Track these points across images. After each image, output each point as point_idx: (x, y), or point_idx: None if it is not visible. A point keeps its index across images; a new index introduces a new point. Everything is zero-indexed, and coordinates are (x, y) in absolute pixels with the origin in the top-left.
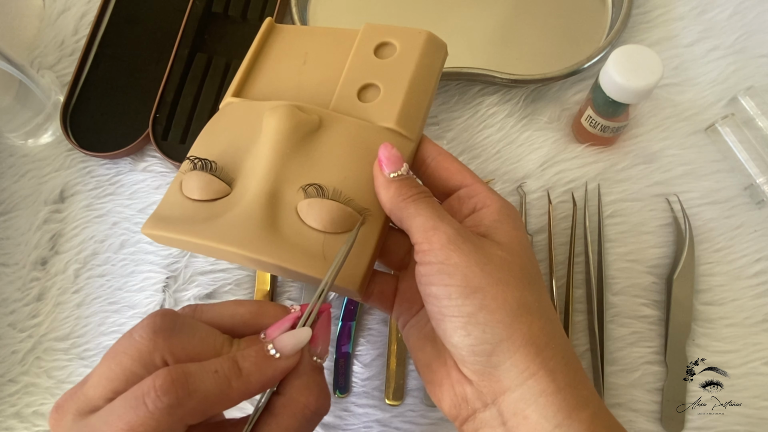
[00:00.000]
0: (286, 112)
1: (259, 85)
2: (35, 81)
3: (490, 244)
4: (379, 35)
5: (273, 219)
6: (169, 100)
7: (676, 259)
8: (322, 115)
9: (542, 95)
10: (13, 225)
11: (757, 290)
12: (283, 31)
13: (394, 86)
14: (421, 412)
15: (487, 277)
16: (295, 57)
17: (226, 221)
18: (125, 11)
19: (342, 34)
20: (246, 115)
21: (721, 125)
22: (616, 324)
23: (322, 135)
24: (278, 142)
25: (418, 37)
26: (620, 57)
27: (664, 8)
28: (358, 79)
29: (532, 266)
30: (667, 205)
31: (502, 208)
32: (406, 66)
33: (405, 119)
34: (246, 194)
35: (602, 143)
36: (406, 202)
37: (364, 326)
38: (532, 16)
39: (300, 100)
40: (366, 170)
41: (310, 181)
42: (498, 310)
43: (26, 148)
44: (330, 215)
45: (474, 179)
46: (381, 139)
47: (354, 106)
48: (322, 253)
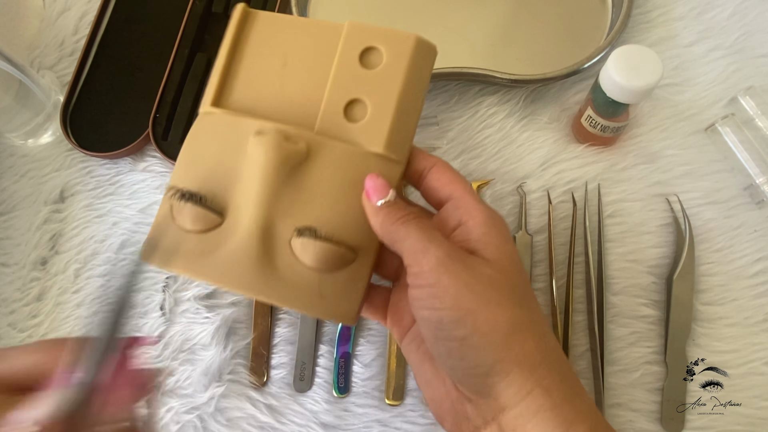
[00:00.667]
0: (273, 144)
1: (238, 89)
2: (35, 81)
3: (480, 263)
4: (365, 38)
5: (268, 256)
6: (169, 100)
7: (676, 259)
8: (309, 142)
9: (542, 95)
10: (13, 225)
11: (757, 290)
12: (258, 18)
13: (382, 103)
14: (421, 412)
15: (478, 298)
16: (275, 56)
17: (223, 258)
18: (125, 11)
19: (323, 29)
20: (229, 132)
21: (721, 125)
22: (616, 324)
23: (311, 164)
24: (267, 176)
25: (407, 42)
26: (620, 57)
27: (664, 8)
28: (343, 94)
29: (522, 281)
30: (667, 205)
31: (487, 219)
32: (394, 79)
33: (394, 142)
34: (239, 228)
35: (602, 143)
36: (396, 226)
37: (364, 326)
38: (532, 16)
39: (284, 114)
40: (357, 201)
41: (302, 219)
42: (490, 332)
43: (26, 148)
44: (324, 256)
45: (462, 190)
46: (370, 166)
47: (341, 127)
48: (319, 291)
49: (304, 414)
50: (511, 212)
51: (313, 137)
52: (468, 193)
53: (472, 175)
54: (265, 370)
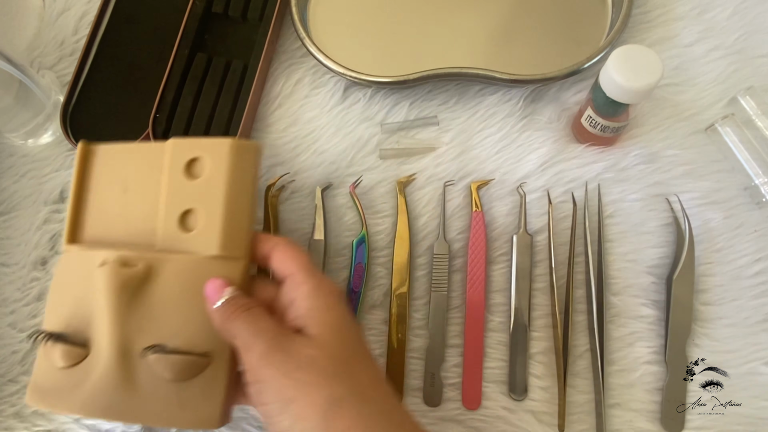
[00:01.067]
0: (110, 272)
1: (89, 222)
2: (35, 81)
3: (302, 343)
4: (187, 151)
5: (129, 377)
6: (169, 100)
7: (676, 259)
8: (149, 261)
9: (542, 95)
10: (13, 225)
11: (757, 290)
12: (98, 152)
13: (212, 209)
14: (421, 412)
15: (297, 385)
16: (116, 183)
17: (91, 387)
18: (125, 11)
19: (152, 150)
20: (83, 267)
21: (721, 125)
22: (616, 324)
23: (156, 281)
24: (111, 302)
25: (223, 147)
26: (620, 57)
27: (664, 8)
28: (176, 208)
29: (344, 347)
30: (667, 205)
31: (312, 291)
32: (217, 184)
33: (229, 241)
34: (101, 356)
35: (602, 143)
36: (227, 324)
37: (364, 326)
38: (532, 17)
39: (128, 238)
40: (201, 309)
41: (154, 335)
42: (311, 416)
43: (26, 148)
44: (175, 367)
45: (296, 266)
46: (211, 270)
47: (178, 239)
48: (178, 402)
49: None
50: (511, 212)
51: (153, 256)
52: (300, 268)
53: (472, 175)
54: None
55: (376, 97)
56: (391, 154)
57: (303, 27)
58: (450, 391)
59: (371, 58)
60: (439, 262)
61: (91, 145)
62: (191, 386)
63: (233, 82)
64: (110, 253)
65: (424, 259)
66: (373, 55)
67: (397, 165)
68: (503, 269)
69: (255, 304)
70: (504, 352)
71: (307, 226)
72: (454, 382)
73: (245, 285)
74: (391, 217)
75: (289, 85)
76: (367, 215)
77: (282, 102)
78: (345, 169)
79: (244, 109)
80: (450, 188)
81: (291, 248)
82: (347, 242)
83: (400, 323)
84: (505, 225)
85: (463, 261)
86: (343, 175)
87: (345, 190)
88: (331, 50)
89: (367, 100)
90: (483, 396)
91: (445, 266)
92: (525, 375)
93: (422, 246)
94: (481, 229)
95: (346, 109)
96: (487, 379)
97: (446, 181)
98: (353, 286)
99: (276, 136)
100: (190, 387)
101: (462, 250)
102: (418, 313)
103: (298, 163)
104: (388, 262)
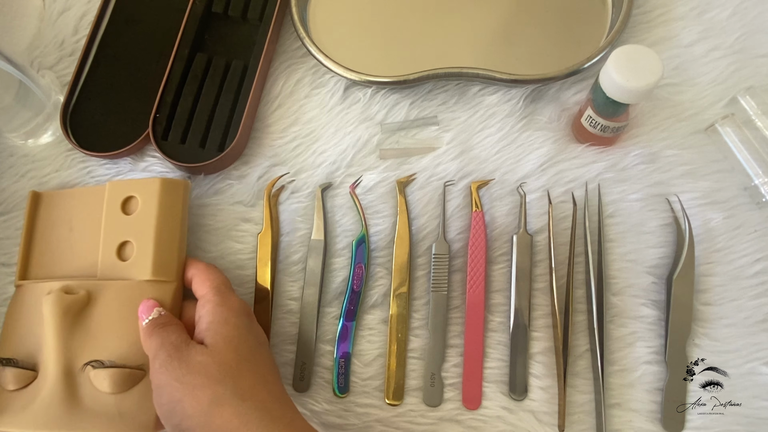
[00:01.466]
0: (54, 299)
1: (38, 261)
2: (35, 81)
3: (198, 352)
4: (123, 191)
5: (73, 394)
6: (169, 100)
7: (676, 259)
8: (89, 288)
9: (542, 95)
10: (13, 225)
11: (757, 290)
12: (46, 198)
13: (144, 239)
14: (420, 412)
15: (185, 387)
16: (63, 224)
17: (39, 406)
18: (125, 11)
19: (93, 193)
20: (33, 299)
21: (721, 125)
22: (616, 324)
23: (95, 306)
24: (55, 325)
25: (154, 185)
26: (620, 57)
27: (664, 8)
28: (113, 240)
29: (235, 355)
30: (667, 205)
31: (214, 307)
32: (148, 217)
33: (160, 267)
34: (47, 376)
35: (602, 143)
36: (145, 341)
37: (364, 326)
38: (532, 16)
39: (73, 272)
40: (136, 326)
41: (95, 353)
42: (194, 414)
43: (26, 148)
44: (113, 380)
45: (206, 287)
46: (144, 293)
47: (116, 267)
48: (118, 412)
49: (304, 414)
50: (511, 212)
51: (94, 283)
52: (209, 288)
53: (472, 175)
54: None
55: (376, 97)
56: (391, 154)
57: (303, 27)
58: (450, 391)
59: (371, 58)
60: (439, 262)
61: (39, 193)
62: (129, 397)
63: (233, 82)
64: (55, 284)
65: (424, 259)
66: (373, 55)
67: (397, 165)
68: (503, 269)
69: (172, 322)
70: (504, 352)
71: (307, 226)
72: (454, 382)
73: (177, 304)
74: (391, 217)
75: (289, 85)
76: (367, 215)
77: (282, 102)
78: (345, 169)
79: (244, 109)
80: (450, 188)
81: (206, 271)
82: (347, 242)
83: (400, 323)
84: (505, 225)
85: (463, 261)
86: (343, 175)
87: (345, 190)
88: (331, 50)
89: (367, 100)
90: (483, 396)
91: (445, 266)
92: (525, 375)
93: (422, 246)
94: (481, 229)
95: (346, 109)
96: (487, 379)
97: (446, 181)
98: (353, 286)
99: (276, 136)
100: (128, 398)
101: (462, 250)
102: (418, 313)
103: (298, 163)
104: (388, 262)
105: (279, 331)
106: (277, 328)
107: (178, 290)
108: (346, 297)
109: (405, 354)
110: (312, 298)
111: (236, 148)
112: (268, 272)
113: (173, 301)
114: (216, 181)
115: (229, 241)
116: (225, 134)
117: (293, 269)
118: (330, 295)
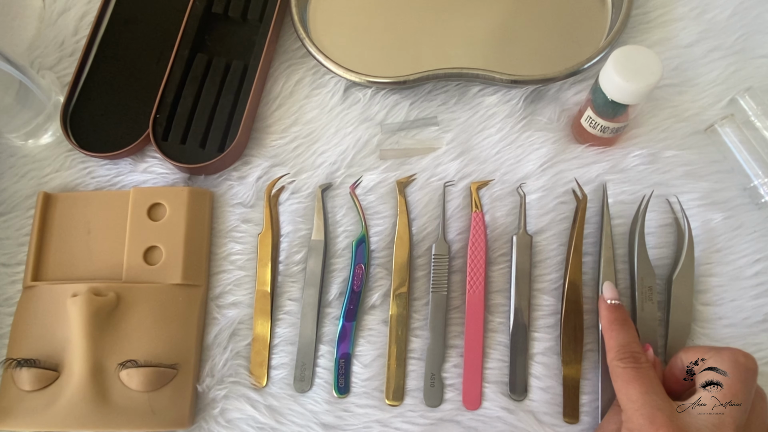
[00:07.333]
0: (85, 301)
1: (53, 262)
2: (35, 81)
3: None
4: (149, 198)
5: (102, 392)
6: (169, 101)
7: (676, 259)
8: (118, 291)
9: (542, 95)
10: (13, 225)
11: (757, 291)
12: (59, 200)
13: (174, 245)
14: (421, 412)
15: None
16: (79, 227)
17: (64, 404)
18: (125, 11)
19: (115, 197)
20: (51, 300)
21: (720, 126)
22: None
23: (124, 307)
24: (85, 327)
25: (182, 194)
26: (620, 57)
27: (664, 9)
28: (140, 245)
29: None
30: (667, 206)
31: None
32: (178, 224)
33: (190, 272)
34: (73, 376)
35: (602, 144)
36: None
37: (364, 326)
38: (532, 17)
39: (94, 273)
40: (168, 327)
41: (125, 353)
42: None
43: (26, 149)
44: (147, 378)
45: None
46: (173, 295)
47: (144, 271)
48: (151, 409)
49: (304, 414)
50: (510, 213)
51: (122, 286)
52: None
53: (472, 176)
54: (265, 371)
55: (376, 98)
56: (391, 155)
57: (303, 27)
58: (450, 391)
59: (371, 58)
60: (439, 262)
61: (51, 194)
62: (162, 394)
63: (233, 83)
64: (81, 286)
65: (424, 259)
66: (373, 55)
67: (397, 165)
68: (503, 270)
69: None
70: (504, 353)
71: (307, 226)
72: (454, 382)
73: (203, 307)
74: (391, 218)
75: (289, 86)
76: (367, 216)
77: (282, 102)
78: (345, 170)
79: (244, 109)
80: (450, 189)
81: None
82: (347, 243)
83: (400, 324)
84: (505, 225)
85: (463, 261)
86: (343, 176)
87: (345, 191)
88: (331, 50)
89: (367, 100)
90: (483, 396)
91: (445, 267)
92: (525, 375)
93: (422, 246)
94: (481, 229)
95: (346, 109)
96: (487, 379)
97: (446, 181)
98: (353, 286)
99: (276, 136)
100: (161, 395)
101: (462, 250)
102: (418, 313)
103: (298, 164)
104: (388, 263)
105: (279, 332)
106: (277, 329)
107: (204, 294)
108: (346, 297)
109: (405, 354)
110: (312, 299)
111: (236, 149)
112: (268, 273)
113: (201, 304)
114: (216, 182)
115: (230, 241)
116: (225, 135)
117: (293, 270)
118: (330, 296)
